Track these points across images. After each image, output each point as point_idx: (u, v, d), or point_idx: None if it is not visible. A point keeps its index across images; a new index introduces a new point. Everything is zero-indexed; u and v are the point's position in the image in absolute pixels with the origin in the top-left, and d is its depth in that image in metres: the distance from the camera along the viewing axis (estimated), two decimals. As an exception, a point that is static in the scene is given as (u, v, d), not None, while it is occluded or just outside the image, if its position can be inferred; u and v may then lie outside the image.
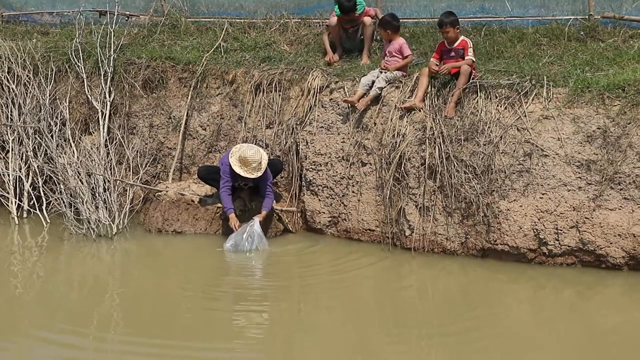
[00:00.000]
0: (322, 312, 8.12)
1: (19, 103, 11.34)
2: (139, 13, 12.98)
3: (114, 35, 11.57)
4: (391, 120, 9.67)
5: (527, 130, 9.01)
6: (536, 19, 11.14)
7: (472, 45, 9.58)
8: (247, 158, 9.82)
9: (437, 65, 9.61)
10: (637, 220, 8.64)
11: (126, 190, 10.77)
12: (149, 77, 11.32)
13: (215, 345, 7.33)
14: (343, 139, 10.05)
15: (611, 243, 8.72)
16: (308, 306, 8.34)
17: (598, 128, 8.78)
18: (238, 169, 9.83)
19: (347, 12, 10.74)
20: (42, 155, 11.06)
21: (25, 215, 11.01)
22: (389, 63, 10.00)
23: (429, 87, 9.61)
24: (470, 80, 9.41)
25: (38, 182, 11.01)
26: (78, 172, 10.55)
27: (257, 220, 9.76)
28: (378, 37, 11.06)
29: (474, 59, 9.57)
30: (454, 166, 9.25)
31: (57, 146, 10.97)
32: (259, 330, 7.82)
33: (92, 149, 10.87)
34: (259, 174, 9.87)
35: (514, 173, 9.05)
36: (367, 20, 10.76)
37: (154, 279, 9.12)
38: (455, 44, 9.58)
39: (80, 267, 9.51)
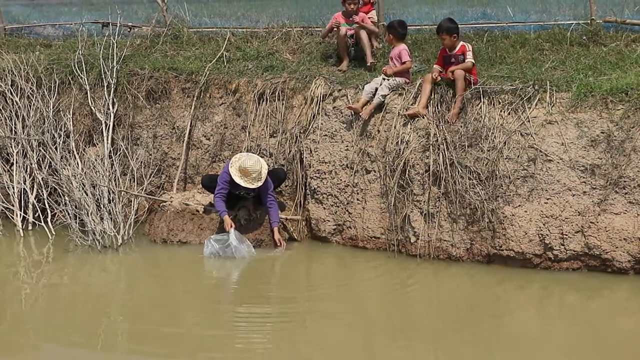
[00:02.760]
0: (328, 320, 8.10)
1: (23, 115, 11.36)
2: (142, 24, 13.02)
3: (116, 47, 11.59)
4: (395, 127, 9.67)
5: (531, 136, 9.01)
6: (538, 24, 11.18)
7: (471, 49, 9.58)
8: (247, 168, 9.81)
9: (440, 71, 9.62)
10: (643, 224, 8.65)
11: (131, 201, 10.78)
12: (152, 88, 11.34)
13: (221, 356, 7.34)
14: (347, 146, 10.05)
15: (617, 247, 8.71)
16: (314, 314, 8.32)
17: (602, 132, 8.78)
18: (238, 179, 9.82)
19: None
20: (47, 167, 11.06)
21: (30, 228, 11.02)
22: (389, 68, 10.01)
23: (432, 93, 9.61)
24: (473, 86, 9.42)
25: (43, 194, 11.02)
26: (83, 183, 10.55)
27: (231, 233, 9.73)
28: (381, 44, 11.07)
29: (474, 61, 9.57)
30: (458, 172, 9.25)
31: (62, 158, 10.97)
32: (265, 340, 7.80)
33: (96, 160, 10.89)
34: (259, 184, 9.86)
35: (519, 178, 9.05)
36: (359, 30, 10.73)
37: (160, 289, 9.11)
38: (455, 51, 9.59)
39: (86, 278, 9.51)
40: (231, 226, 9.80)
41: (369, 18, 11.20)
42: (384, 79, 9.96)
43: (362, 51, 10.85)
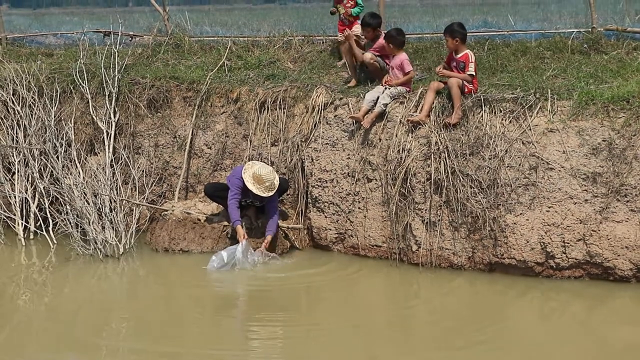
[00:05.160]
0: (330, 329, 8.09)
1: (24, 125, 11.37)
2: (143, 33, 13.04)
3: (118, 56, 11.60)
4: (396, 135, 9.67)
5: (532, 144, 9.01)
6: (539, 33, 11.20)
7: (474, 60, 9.56)
8: (262, 176, 9.80)
9: (443, 68, 9.62)
10: (645, 232, 8.63)
11: (132, 210, 10.78)
12: (154, 97, 11.35)
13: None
14: (348, 155, 10.05)
15: (618, 255, 8.70)
16: (316, 323, 8.32)
17: (603, 140, 8.77)
18: (251, 186, 9.81)
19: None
20: (48, 176, 11.06)
21: (32, 237, 11.01)
22: (391, 79, 9.98)
23: (434, 102, 9.61)
24: (472, 95, 9.42)
25: (44, 203, 11.02)
26: (84, 192, 10.55)
27: (239, 246, 9.66)
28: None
29: (474, 74, 9.55)
30: (460, 181, 9.25)
31: (63, 167, 10.97)
32: (268, 350, 7.79)
33: (97, 169, 10.88)
34: (271, 193, 9.85)
35: (520, 187, 9.04)
36: (367, 56, 10.38)
37: (161, 298, 9.11)
38: (458, 56, 9.58)
39: (88, 287, 9.50)
40: (244, 237, 9.78)
41: (353, 32, 10.80)
42: (385, 88, 9.95)
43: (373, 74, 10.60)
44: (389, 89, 9.90)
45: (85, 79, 11.53)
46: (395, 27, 10.56)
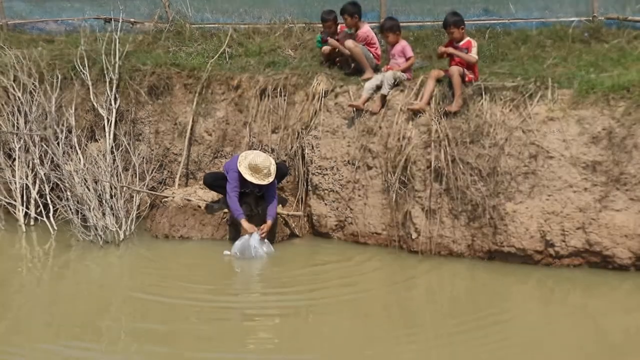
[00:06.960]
0: (330, 316, 8.11)
1: (25, 111, 11.38)
2: (144, 20, 13.02)
3: (119, 43, 11.59)
4: (396, 123, 9.68)
5: (533, 132, 9.01)
6: (540, 21, 11.18)
7: (476, 45, 9.58)
8: (258, 165, 9.81)
9: (445, 48, 9.63)
10: (644, 220, 8.65)
11: (133, 197, 10.80)
12: (154, 84, 11.36)
13: (223, 352, 7.34)
14: (348, 142, 10.06)
15: (618, 244, 8.71)
16: (316, 310, 8.34)
17: (603, 129, 8.78)
18: (249, 177, 9.81)
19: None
20: (49, 162, 11.08)
21: (32, 223, 11.04)
22: (393, 67, 10.00)
23: (435, 90, 9.62)
24: (472, 83, 9.43)
25: (45, 189, 11.04)
26: (85, 179, 10.57)
27: (254, 234, 9.72)
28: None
29: (477, 57, 9.55)
30: (460, 169, 9.26)
31: (64, 153, 10.98)
32: (267, 335, 7.83)
33: (98, 155, 10.90)
34: (270, 179, 9.87)
35: (520, 175, 9.05)
36: (349, 43, 10.33)
37: (162, 285, 9.11)
38: (461, 44, 9.58)
39: (88, 273, 9.52)
40: (257, 229, 9.79)
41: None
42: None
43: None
44: (391, 72, 9.88)
45: (86, 65, 11.53)
46: (388, 17, 10.56)
